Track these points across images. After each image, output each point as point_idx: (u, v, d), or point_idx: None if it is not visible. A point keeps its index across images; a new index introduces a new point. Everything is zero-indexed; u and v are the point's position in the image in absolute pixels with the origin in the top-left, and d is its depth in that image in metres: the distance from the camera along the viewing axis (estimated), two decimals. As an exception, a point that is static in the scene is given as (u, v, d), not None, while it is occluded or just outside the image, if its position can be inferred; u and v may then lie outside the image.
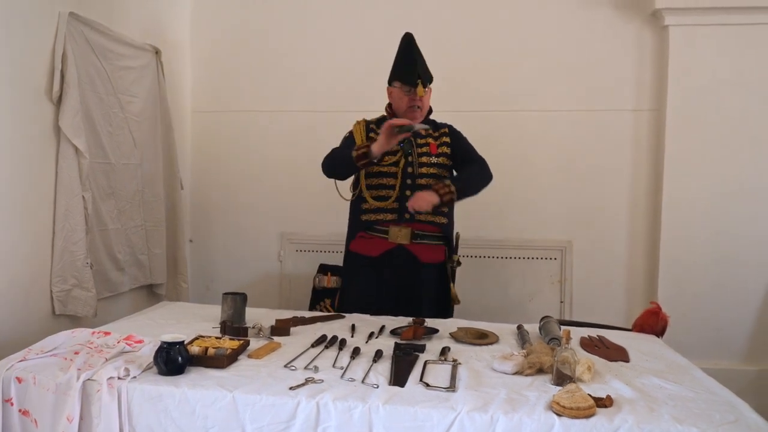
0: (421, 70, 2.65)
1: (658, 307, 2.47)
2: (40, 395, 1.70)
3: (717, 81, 3.38)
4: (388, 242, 2.66)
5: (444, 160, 2.73)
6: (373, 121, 2.79)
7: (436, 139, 2.75)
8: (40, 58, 2.57)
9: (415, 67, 2.63)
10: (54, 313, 2.67)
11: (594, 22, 3.61)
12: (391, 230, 2.65)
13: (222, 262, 4.04)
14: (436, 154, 2.71)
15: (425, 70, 2.69)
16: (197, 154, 4.04)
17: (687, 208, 3.46)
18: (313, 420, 1.60)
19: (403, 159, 2.67)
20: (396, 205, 2.64)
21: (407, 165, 2.67)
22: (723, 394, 1.74)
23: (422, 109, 2.69)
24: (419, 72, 2.63)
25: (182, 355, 1.77)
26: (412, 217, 2.61)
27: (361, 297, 2.69)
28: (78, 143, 2.67)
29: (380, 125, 2.70)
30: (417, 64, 2.64)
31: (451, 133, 2.79)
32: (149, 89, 3.34)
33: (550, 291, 3.72)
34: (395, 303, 2.65)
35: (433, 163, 2.70)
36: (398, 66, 2.71)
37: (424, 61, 2.71)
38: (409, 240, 2.65)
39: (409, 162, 2.67)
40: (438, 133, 2.77)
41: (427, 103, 2.73)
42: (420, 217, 2.62)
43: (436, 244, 2.72)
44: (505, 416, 1.54)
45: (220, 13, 3.97)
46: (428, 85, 2.69)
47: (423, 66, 2.69)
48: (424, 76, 2.66)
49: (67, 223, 2.68)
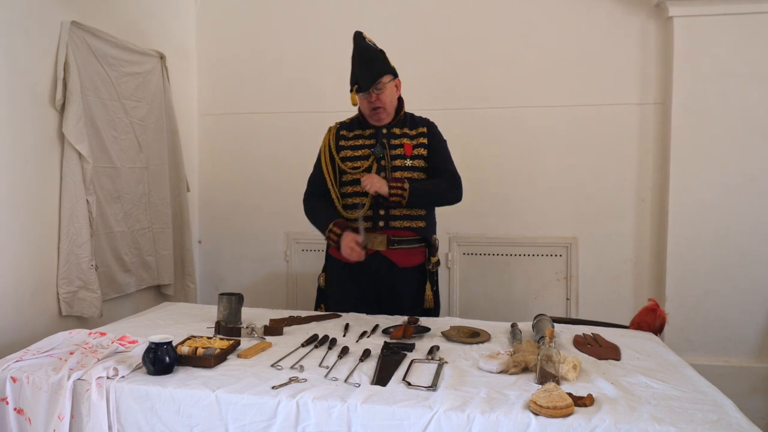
0: (359, 73, 2.49)
1: (656, 305, 2.43)
2: (34, 394, 1.75)
3: (723, 72, 3.31)
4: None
5: (419, 162, 2.60)
6: (346, 123, 2.72)
7: (412, 138, 2.62)
8: (44, 66, 2.65)
9: (354, 71, 2.52)
10: (61, 314, 2.76)
11: (597, 14, 3.57)
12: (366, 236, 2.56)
13: (230, 262, 4.10)
14: (411, 156, 2.59)
15: (367, 71, 2.49)
16: (204, 156, 4.10)
17: (694, 202, 3.40)
18: (293, 419, 1.62)
19: (375, 164, 2.57)
20: (370, 213, 2.57)
21: (379, 170, 2.56)
22: (710, 393, 1.71)
23: (384, 107, 2.55)
24: (356, 75, 2.50)
25: (170, 355, 1.81)
26: (387, 224, 2.56)
27: (343, 301, 2.65)
28: (81, 148, 2.74)
29: (353, 126, 2.68)
30: (355, 67, 2.52)
31: (429, 134, 2.65)
32: (154, 94, 3.41)
33: (556, 288, 3.70)
34: (377, 307, 2.61)
35: (407, 166, 2.58)
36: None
37: (371, 58, 2.53)
38: (385, 246, 2.55)
39: (381, 166, 2.57)
40: (415, 131, 2.65)
41: (389, 100, 2.56)
42: (395, 224, 2.57)
43: (414, 248, 2.62)
44: (482, 415, 1.54)
45: (224, 18, 4.03)
46: (378, 82, 2.50)
47: (363, 68, 2.50)
48: (363, 79, 2.48)
49: (72, 227, 2.75)
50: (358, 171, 2.58)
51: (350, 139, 2.65)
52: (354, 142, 2.64)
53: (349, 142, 2.64)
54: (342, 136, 2.67)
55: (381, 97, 2.53)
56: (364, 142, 2.63)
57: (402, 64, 3.73)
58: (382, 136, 2.61)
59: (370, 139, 2.62)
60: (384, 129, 2.62)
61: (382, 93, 2.53)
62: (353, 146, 2.63)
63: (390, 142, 2.61)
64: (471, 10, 3.73)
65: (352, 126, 2.68)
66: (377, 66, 2.52)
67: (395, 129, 2.63)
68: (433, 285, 2.71)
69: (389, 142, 2.61)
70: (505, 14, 3.69)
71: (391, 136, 2.61)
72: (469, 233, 3.78)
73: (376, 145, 2.59)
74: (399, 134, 2.62)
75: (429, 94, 3.76)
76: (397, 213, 2.58)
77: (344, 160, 2.62)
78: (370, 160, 2.58)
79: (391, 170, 2.56)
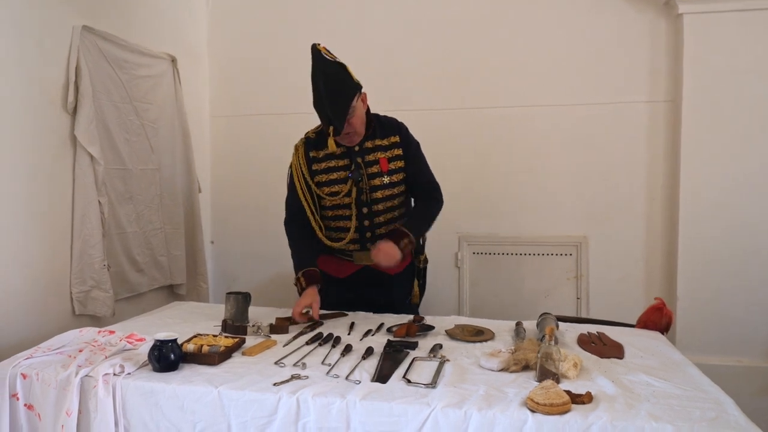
0: (332, 113, 2.27)
1: (662, 303, 2.41)
2: (43, 391, 1.80)
3: (734, 69, 3.27)
4: (354, 264, 2.59)
5: (397, 176, 2.49)
6: (312, 140, 2.53)
7: (385, 149, 2.48)
8: (56, 70, 2.70)
9: (323, 108, 2.31)
10: (74, 313, 2.81)
11: (606, 12, 3.55)
12: (355, 255, 2.56)
13: (242, 262, 4.15)
14: (388, 171, 2.47)
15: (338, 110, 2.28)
16: (216, 157, 4.16)
17: (706, 200, 3.36)
18: (293, 415, 1.65)
19: (354, 188, 2.45)
20: (356, 236, 2.51)
21: (359, 193, 2.46)
22: (712, 392, 1.70)
23: (356, 130, 2.40)
24: (329, 116, 2.29)
25: (174, 353, 1.84)
26: (374, 242, 2.46)
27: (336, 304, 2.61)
28: (93, 151, 2.80)
29: (320, 144, 2.47)
30: (325, 105, 2.29)
31: (403, 143, 2.50)
32: (165, 96, 3.46)
33: (567, 287, 3.68)
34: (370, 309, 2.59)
35: (386, 183, 2.47)
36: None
37: (338, 88, 2.30)
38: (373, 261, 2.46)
39: (360, 189, 2.46)
40: (387, 141, 2.49)
41: (359, 122, 2.40)
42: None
43: None
44: (479, 412, 1.55)
45: (236, 19, 4.08)
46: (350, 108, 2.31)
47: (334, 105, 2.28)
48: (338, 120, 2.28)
49: (84, 227, 2.81)
50: (338, 197, 2.47)
51: (322, 161, 2.49)
52: (327, 164, 2.49)
53: (321, 165, 2.49)
54: (313, 159, 2.50)
55: (351, 122, 2.34)
56: (338, 163, 2.48)
57: (410, 64, 3.79)
58: (356, 155, 2.47)
59: (343, 159, 2.48)
60: (356, 147, 2.47)
61: (352, 117, 2.34)
62: (327, 169, 2.49)
63: (365, 159, 2.47)
64: (480, 10, 3.72)
65: (320, 144, 2.47)
66: (345, 95, 2.31)
67: (367, 143, 2.47)
68: (420, 279, 2.70)
69: (364, 159, 2.47)
70: (514, 13, 3.68)
71: (365, 152, 2.47)
72: (478, 233, 3.78)
73: (351, 165, 2.46)
74: (372, 148, 2.47)
75: (438, 95, 3.78)
76: (382, 231, 2.51)
77: (320, 185, 2.49)
78: (348, 184, 2.45)
79: (369, 191, 2.47)
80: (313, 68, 2.36)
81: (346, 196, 2.47)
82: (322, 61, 2.34)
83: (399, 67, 3.81)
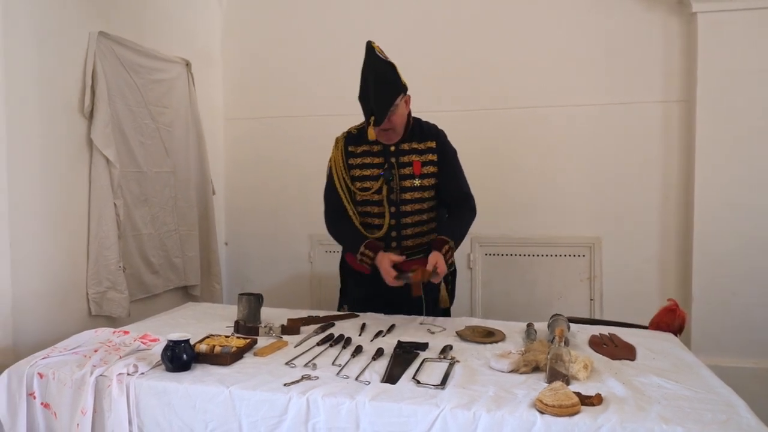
0: (375, 103, 2.34)
1: (675, 305, 2.40)
2: (59, 390, 1.84)
3: (749, 69, 3.24)
4: None
5: (428, 181, 2.53)
6: (353, 135, 2.59)
7: (421, 153, 2.53)
8: (72, 75, 2.75)
9: (368, 101, 2.37)
10: (90, 314, 2.85)
11: (619, 12, 3.53)
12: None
13: (256, 264, 4.18)
14: (420, 175, 2.52)
15: (382, 102, 2.34)
16: (230, 160, 4.19)
17: (720, 200, 3.33)
18: (303, 415, 1.66)
19: (385, 185, 2.51)
20: (383, 234, 2.55)
21: (390, 191, 2.52)
22: (724, 394, 1.69)
23: (394, 129, 2.44)
24: (372, 107, 2.34)
25: (187, 353, 1.87)
26: (399, 245, 2.54)
27: (354, 307, 2.66)
28: (108, 154, 2.84)
29: (359, 140, 2.54)
30: (370, 96, 2.35)
31: (439, 149, 2.54)
32: (180, 100, 3.50)
33: (580, 289, 3.66)
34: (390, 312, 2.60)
35: (417, 186, 2.52)
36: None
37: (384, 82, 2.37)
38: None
39: (391, 188, 2.51)
40: (424, 145, 2.54)
41: (400, 121, 2.45)
42: (407, 243, 2.56)
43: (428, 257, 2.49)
44: (488, 413, 1.56)
45: (249, 24, 4.12)
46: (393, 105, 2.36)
47: (378, 97, 2.34)
48: (380, 112, 2.34)
49: (100, 229, 2.85)
50: (368, 193, 2.53)
51: (358, 156, 2.56)
52: (362, 159, 2.55)
53: (357, 160, 2.55)
54: (350, 153, 2.56)
55: (392, 119, 2.40)
56: (373, 161, 2.54)
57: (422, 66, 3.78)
58: (391, 155, 2.52)
59: (379, 157, 2.53)
60: (392, 147, 2.53)
61: (393, 115, 2.39)
62: (362, 165, 2.55)
63: (399, 160, 2.52)
64: (492, 10, 3.73)
65: (360, 140, 2.55)
66: (391, 91, 2.38)
67: (404, 144, 2.53)
68: (449, 285, 2.71)
69: (398, 160, 2.52)
70: (526, 13, 3.68)
71: (400, 153, 2.53)
72: (491, 234, 3.77)
73: (384, 164, 2.52)
74: (408, 150, 2.53)
75: (449, 96, 3.78)
76: (408, 232, 2.56)
77: (354, 179, 2.55)
78: (379, 182, 2.52)
79: (399, 191, 2.52)
80: (365, 62, 2.43)
81: (376, 193, 2.52)
82: (374, 58, 2.42)
83: (410, 69, 3.73)
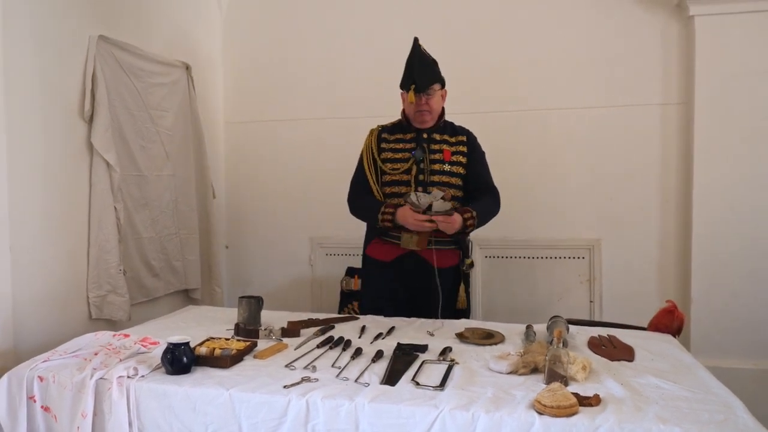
0: (417, 75, 2.61)
1: (674, 306, 2.41)
2: (59, 393, 1.84)
3: (747, 71, 3.25)
4: (400, 248, 2.67)
5: (457, 168, 2.70)
6: (387, 127, 2.81)
7: (451, 145, 2.72)
8: (72, 79, 2.76)
9: (411, 73, 2.63)
10: (91, 317, 2.86)
11: (618, 15, 3.55)
12: (403, 237, 2.63)
13: (257, 267, 4.19)
14: (450, 162, 2.68)
15: (424, 75, 2.62)
16: (231, 163, 4.21)
17: (719, 202, 3.34)
18: (303, 417, 1.67)
19: (415, 166, 2.66)
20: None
21: (419, 172, 2.66)
22: (721, 395, 1.69)
23: (431, 112, 2.68)
24: (414, 77, 2.61)
25: (187, 356, 1.87)
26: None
27: (377, 299, 2.74)
28: (109, 158, 2.85)
29: (394, 130, 2.76)
30: (414, 69, 2.62)
31: (469, 143, 2.75)
32: (180, 103, 3.52)
33: (580, 290, 3.67)
34: (411, 306, 2.68)
35: (446, 170, 2.67)
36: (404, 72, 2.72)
37: (428, 63, 2.66)
38: (422, 246, 2.62)
39: (420, 169, 2.66)
40: (455, 139, 2.74)
41: (436, 107, 2.70)
42: None
43: (449, 249, 2.69)
44: (486, 415, 1.56)
45: (249, 28, 4.13)
46: (429, 88, 2.63)
47: (421, 70, 2.63)
48: (421, 81, 2.61)
49: (100, 233, 2.86)
50: (398, 172, 2.68)
51: (391, 142, 2.74)
52: (395, 145, 2.73)
53: (390, 145, 2.74)
54: (383, 139, 2.76)
55: (429, 101, 2.65)
56: (405, 146, 2.71)
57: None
58: (423, 141, 2.69)
59: (411, 143, 2.71)
60: (425, 134, 2.71)
61: (431, 98, 2.65)
62: (394, 149, 2.73)
63: (430, 147, 2.70)
64: (491, 15, 3.74)
65: (394, 130, 2.77)
66: (433, 71, 2.66)
67: (435, 135, 2.72)
68: (467, 286, 2.77)
69: (429, 146, 2.69)
70: (526, 18, 3.70)
71: (431, 141, 2.70)
72: (491, 236, 3.76)
73: (416, 148, 2.68)
74: (439, 140, 2.71)
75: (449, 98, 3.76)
76: None
77: (385, 161, 2.71)
78: (409, 163, 2.67)
79: (429, 173, 2.66)
80: (411, 53, 2.68)
81: (405, 173, 2.66)
82: (421, 51, 2.68)
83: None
